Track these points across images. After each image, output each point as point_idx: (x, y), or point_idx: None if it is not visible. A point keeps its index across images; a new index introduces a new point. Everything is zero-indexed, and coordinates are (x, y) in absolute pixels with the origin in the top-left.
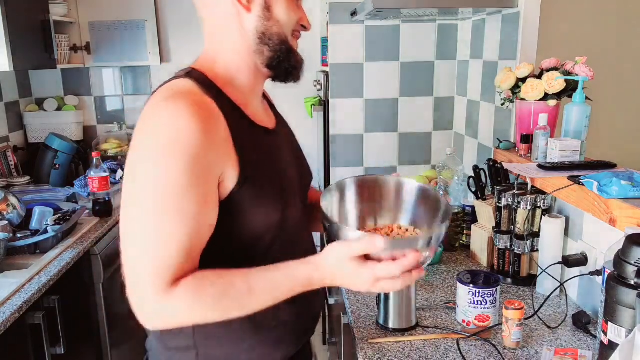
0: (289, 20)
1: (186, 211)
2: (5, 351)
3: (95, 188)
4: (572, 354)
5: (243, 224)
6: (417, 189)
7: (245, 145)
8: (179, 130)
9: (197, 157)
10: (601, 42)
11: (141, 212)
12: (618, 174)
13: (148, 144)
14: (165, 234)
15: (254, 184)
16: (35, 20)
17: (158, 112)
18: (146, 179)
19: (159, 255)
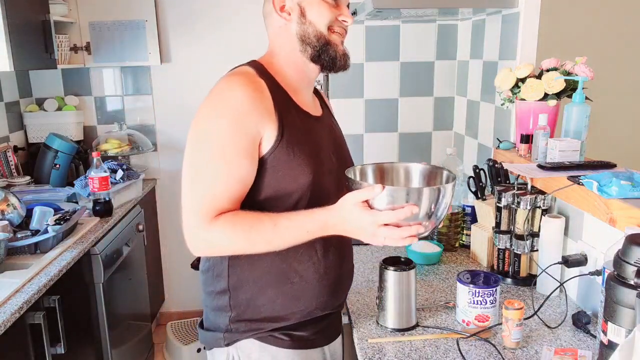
0: (322, 19)
1: (230, 160)
2: (5, 351)
3: (95, 188)
4: (572, 353)
5: (274, 181)
6: (423, 169)
7: (286, 118)
8: (230, 96)
9: (241, 118)
10: (601, 42)
11: (195, 158)
12: (618, 174)
13: (207, 107)
14: (213, 178)
15: (288, 147)
16: (35, 20)
17: (218, 86)
18: (201, 132)
19: (205, 194)
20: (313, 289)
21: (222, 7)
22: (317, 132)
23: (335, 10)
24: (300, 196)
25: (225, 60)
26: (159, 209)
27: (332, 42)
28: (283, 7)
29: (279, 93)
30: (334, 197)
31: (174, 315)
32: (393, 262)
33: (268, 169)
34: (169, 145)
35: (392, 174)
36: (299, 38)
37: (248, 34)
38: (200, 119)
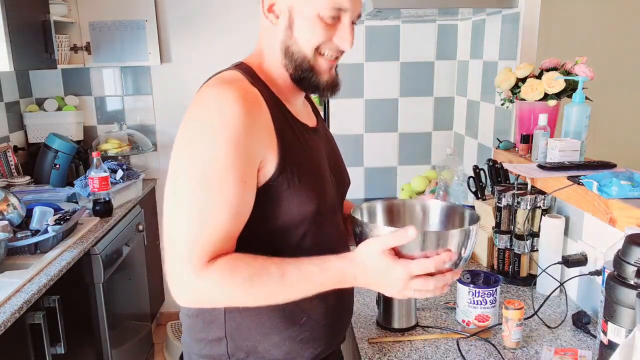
0: (309, 40)
1: (226, 190)
2: (5, 351)
3: (95, 188)
4: (572, 353)
5: (278, 212)
6: (442, 207)
7: (286, 136)
8: (224, 112)
9: (239, 139)
10: (601, 42)
11: (184, 187)
12: (618, 174)
13: (195, 125)
14: (205, 212)
15: (292, 172)
16: (35, 20)
17: (205, 97)
18: (191, 157)
19: (197, 233)
20: (322, 329)
21: (222, 7)
22: (317, 148)
23: (331, 31)
24: (308, 228)
25: (225, 60)
26: (159, 209)
27: (317, 69)
28: (271, 7)
29: (275, 105)
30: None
31: (174, 315)
32: None
33: (271, 199)
34: (169, 145)
35: (406, 212)
36: (282, 48)
37: (248, 33)
38: (189, 139)
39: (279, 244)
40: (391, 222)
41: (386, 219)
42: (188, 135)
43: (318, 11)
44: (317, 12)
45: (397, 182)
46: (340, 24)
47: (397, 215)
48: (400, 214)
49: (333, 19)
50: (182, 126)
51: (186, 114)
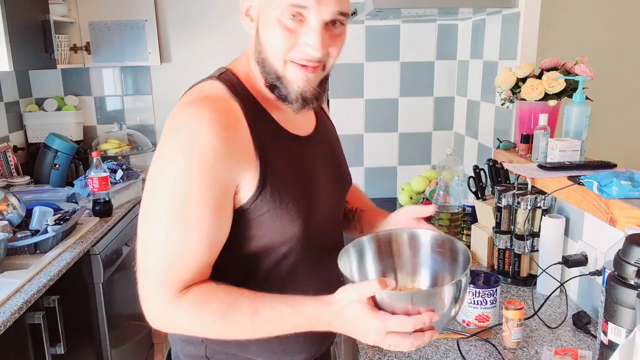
0: (272, 48)
1: (199, 220)
2: (5, 351)
3: (95, 188)
4: (572, 354)
5: (257, 234)
6: (430, 239)
7: (269, 153)
8: (197, 137)
9: (213, 168)
10: (601, 42)
11: (155, 214)
12: (618, 174)
13: (169, 149)
14: (177, 242)
15: (272, 194)
16: (35, 20)
17: (181, 117)
18: (162, 184)
19: (170, 262)
20: (303, 341)
21: (222, 7)
22: (308, 158)
23: (296, 35)
24: (290, 248)
25: (225, 59)
26: None
27: (287, 78)
28: (248, 11)
29: (259, 117)
30: (330, 231)
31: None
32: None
33: (249, 221)
34: None
35: (395, 245)
36: (255, 55)
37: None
38: (161, 163)
39: (259, 264)
40: (380, 258)
41: (375, 254)
42: (162, 161)
43: (278, 16)
44: (277, 16)
45: (397, 182)
46: (305, 26)
47: (387, 248)
48: (390, 247)
49: (295, 22)
50: (158, 147)
51: (164, 128)
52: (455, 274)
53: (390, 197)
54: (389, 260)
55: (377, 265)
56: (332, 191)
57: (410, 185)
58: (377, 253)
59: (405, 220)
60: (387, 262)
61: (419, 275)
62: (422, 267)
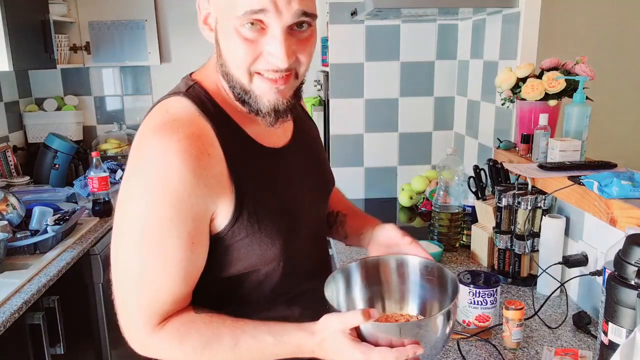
0: (234, 60)
1: (172, 256)
2: (5, 351)
3: (94, 188)
4: (573, 354)
5: (236, 259)
6: (419, 266)
7: (244, 175)
8: (166, 170)
9: (183, 199)
10: (601, 42)
11: (128, 252)
12: (618, 174)
13: (136, 180)
14: (151, 278)
15: (250, 218)
16: (35, 20)
17: (149, 145)
18: (132, 219)
19: (144, 298)
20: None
21: None
22: (287, 170)
23: (256, 46)
24: (273, 268)
25: None
26: None
27: (255, 93)
28: (206, 18)
29: (231, 135)
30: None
31: None
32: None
33: (227, 247)
34: None
35: (383, 271)
36: (218, 70)
37: None
38: (131, 193)
39: (240, 287)
40: (368, 284)
41: (363, 281)
42: (132, 191)
43: (235, 25)
44: (234, 26)
45: (397, 182)
46: (267, 34)
47: (374, 274)
48: (377, 273)
49: (255, 31)
50: (126, 173)
51: (130, 156)
52: (444, 302)
53: (390, 197)
54: (377, 287)
55: (364, 292)
56: (315, 199)
57: (410, 185)
58: (365, 279)
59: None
60: (375, 288)
61: (407, 302)
62: (410, 294)
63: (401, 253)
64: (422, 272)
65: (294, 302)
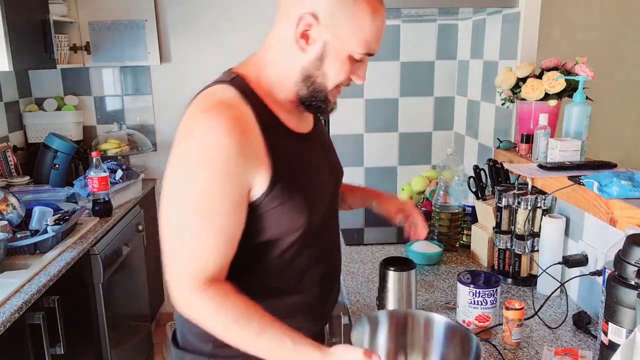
0: (335, 78)
1: (219, 220)
2: (4, 352)
3: (95, 188)
4: (573, 354)
5: (267, 226)
6: (445, 326)
7: (279, 153)
8: (214, 144)
9: (228, 170)
10: (601, 42)
11: (176, 214)
12: (618, 174)
13: (186, 154)
14: (200, 241)
15: (282, 189)
16: (35, 20)
17: (197, 124)
18: (184, 187)
19: (192, 260)
20: (300, 319)
21: (222, 7)
22: (311, 155)
23: (354, 68)
24: (297, 238)
25: (224, 60)
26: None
27: (329, 99)
28: (305, 34)
29: (268, 122)
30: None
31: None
32: (393, 262)
33: (261, 215)
34: (168, 145)
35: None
36: (302, 73)
37: (247, 33)
38: (180, 166)
39: (267, 253)
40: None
41: (390, 331)
42: (181, 166)
43: (351, 53)
44: (350, 53)
45: (397, 182)
46: (362, 63)
47: (400, 326)
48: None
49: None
50: (173, 152)
51: (178, 135)
52: None
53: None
54: (402, 340)
55: (389, 342)
56: (331, 182)
57: (410, 185)
58: (391, 330)
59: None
60: (399, 341)
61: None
62: (433, 352)
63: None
64: (447, 332)
65: (311, 271)
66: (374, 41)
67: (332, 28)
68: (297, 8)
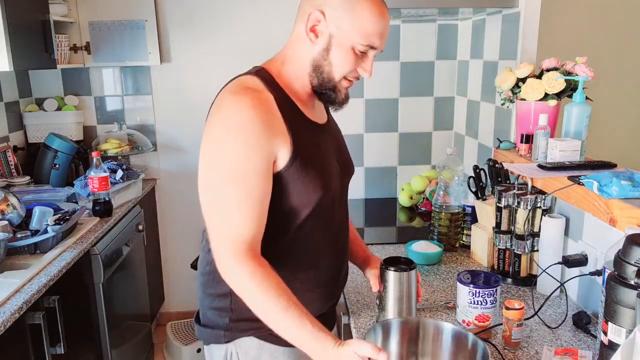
0: (341, 68)
1: (252, 185)
2: (5, 351)
3: (95, 188)
4: (572, 354)
5: (289, 195)
6: (452, 333)
7: (298, 133)
8: (243, 120)
9: (257, 141)
10: (601, 42)
11: (218, 188)
12: (618, 174)
13: (220, 129)
14: (238, 207)
15: (301, 164)
16: (35, 20)
17: (227, 104)
18: (218, 158)
19: (233, 226)
20: (312, 295)
21: (222, 7)
22: (325, 142)
23: (359, 61)
24: (311, 212)
25: (225, 60)
26: (159, 209)
27: (338, 89)
28: (314, 27)
29: (288, 108)
30: (336, 205)
31: (173, 315)
32: (394, 262)
33: (282, 186)
34: (168, 145)
35: (420, 332)
36: (312, 64)
37: (248, 34)
38: (215, 141)
39: (286, 222)
40: (404, 341)
41: (401, 337)
42: (216, 140)
43: (353, 45)
44: (352, 45)
45: (397, 182)
46: (367, 57)
47: (411, 333)
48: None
49: (363, 53)
50: (207, 130)
51: (210, 116)
52: None
53: (390, 197)
54: (413, 346)
55: (400, 348)
56: (340, 173)
57: (410, 185)
58: (403, 337)
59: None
60: (410, 347)
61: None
62: (441, 358)
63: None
64: (456, 339)
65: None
66: (374, 35)
67: (336, 22)
68: (308, 7)
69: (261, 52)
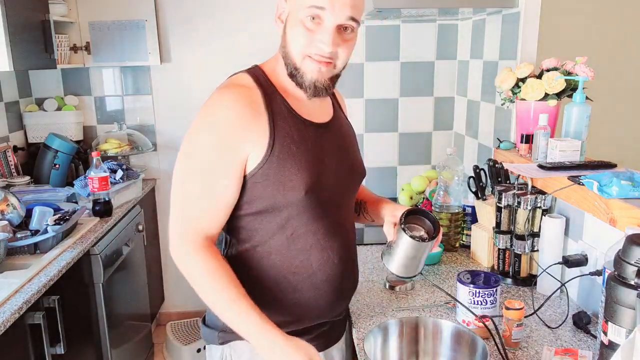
0: (296, 43)
1: (214, 181)
2: (5, 351)
3: (95, 188)
4: (572, 354)
5: (262, 196)
6: (452, 331)
7: (281, 130)
8: (219, 113)
9: (227, 136)
10: (601, 42)
11: (182, 173)
12: (618, 174)
13: (196, 125)
14: (198, 202)
15: (279, 162)
16: (35, 20)
17: (210, 100)
18: (189, 147)
19: (184, 213)
20: (311, 303)
21: (222, 7)
22: (318, 142)
23: (313, 34)
24: (292, 212)
25: (225, 60)
26: (159, 209)
27: (302, 70)
28: (280, 16)
29: (277, 103)
30: (333, 207)
31: (173, 315)
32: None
33: (257, 184)
34: (168, 145)
35: (419, 331)
36: (281, 50)
37: (248, 34)
38: (190, 133)
39: (263, 225)
40: (404, 340)
41: (400, 338)
42: (190, 133)
43: (300, 16)
44: (300, 16)
45: (397, 182)
46: (322, 27)
47: (411, 332)
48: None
49: (314, 24)
50: (193, 121)
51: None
52: None
53: (390, 197)
54: (413, 345)
55: (400, 348)
56: (343, 176)
57: (410, 185)
58: (402, 337)
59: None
60: (410, 346)
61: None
62: (442, 356)
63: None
64: (455, 336)
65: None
66: None
67: (291, 2)
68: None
69: (261, 52)
